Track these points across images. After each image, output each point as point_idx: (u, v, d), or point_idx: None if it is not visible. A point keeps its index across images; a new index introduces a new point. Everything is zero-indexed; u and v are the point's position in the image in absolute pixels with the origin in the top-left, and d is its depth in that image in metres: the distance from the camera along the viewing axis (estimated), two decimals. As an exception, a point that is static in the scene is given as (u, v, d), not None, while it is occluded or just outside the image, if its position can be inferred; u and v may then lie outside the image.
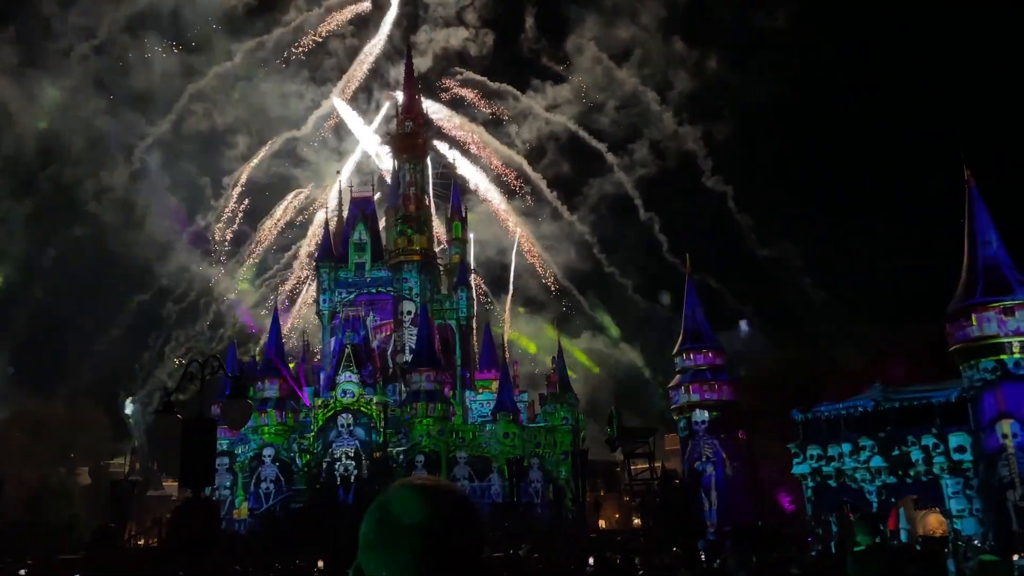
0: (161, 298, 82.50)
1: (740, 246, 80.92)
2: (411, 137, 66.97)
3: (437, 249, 68.43)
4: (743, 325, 75.95)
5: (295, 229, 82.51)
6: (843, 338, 62.79)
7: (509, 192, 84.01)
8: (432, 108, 74.88)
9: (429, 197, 69.06)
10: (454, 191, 71.79)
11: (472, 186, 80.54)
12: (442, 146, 76.85)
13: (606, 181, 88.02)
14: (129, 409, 78.35)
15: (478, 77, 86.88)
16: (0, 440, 56.93)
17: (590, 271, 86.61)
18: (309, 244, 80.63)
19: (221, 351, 64.03)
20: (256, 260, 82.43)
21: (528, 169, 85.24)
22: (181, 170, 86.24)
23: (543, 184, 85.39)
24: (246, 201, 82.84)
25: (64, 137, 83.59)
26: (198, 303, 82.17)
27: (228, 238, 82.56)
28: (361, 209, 67.28)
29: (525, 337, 79.05)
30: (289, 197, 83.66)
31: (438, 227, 70.76)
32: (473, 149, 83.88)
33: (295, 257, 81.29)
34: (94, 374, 76.99)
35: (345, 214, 69.00)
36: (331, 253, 65.31)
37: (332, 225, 68.18)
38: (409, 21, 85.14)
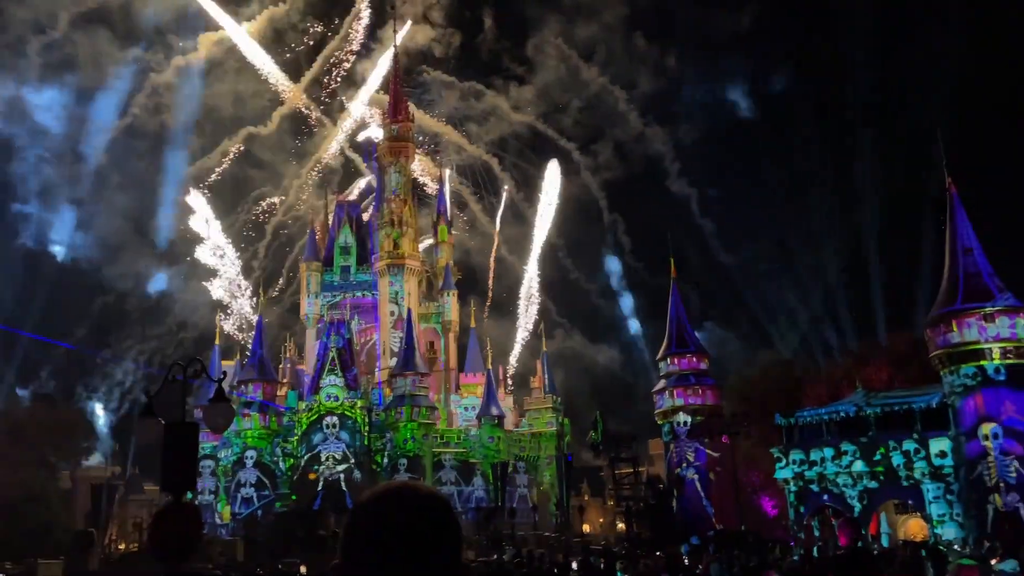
0: (121, 299, 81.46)
1: (707, 249, 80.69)
2: (398, 139, 66.54)
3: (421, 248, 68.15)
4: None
5: (259, 230, 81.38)
6: (820, 344, 63.29)
7: (476, 193, 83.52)
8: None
9: (414, 200, 68.76)
10: (440, 194, 71.72)
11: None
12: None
13: (571, 183, 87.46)
14: (97, 411, 77.36)
15: (446, 77, 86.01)
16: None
17: (556, 274, 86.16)
18: (272, 246, 79.99)
19: (185, 354, 63.35)
20: (220, 262, 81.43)
21: (497, 169, 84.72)
22: (133, 168, 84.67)
23: (512, 184, 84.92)
24: (205, 201, 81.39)
25: (14, 134, 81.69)
26: (159, 304, 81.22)
27: (188, 238, 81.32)
28: (346, 212, 67.17)
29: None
30: (263, 202, 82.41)
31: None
32: (439, 149, 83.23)
33: (255, 258, 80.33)
34: (59, 376, 76.22)
35: (329, 217, 68.82)
36: (317, 256, 65.08)
37: (317, 227, 67.92)
38: (378, 18, 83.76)
